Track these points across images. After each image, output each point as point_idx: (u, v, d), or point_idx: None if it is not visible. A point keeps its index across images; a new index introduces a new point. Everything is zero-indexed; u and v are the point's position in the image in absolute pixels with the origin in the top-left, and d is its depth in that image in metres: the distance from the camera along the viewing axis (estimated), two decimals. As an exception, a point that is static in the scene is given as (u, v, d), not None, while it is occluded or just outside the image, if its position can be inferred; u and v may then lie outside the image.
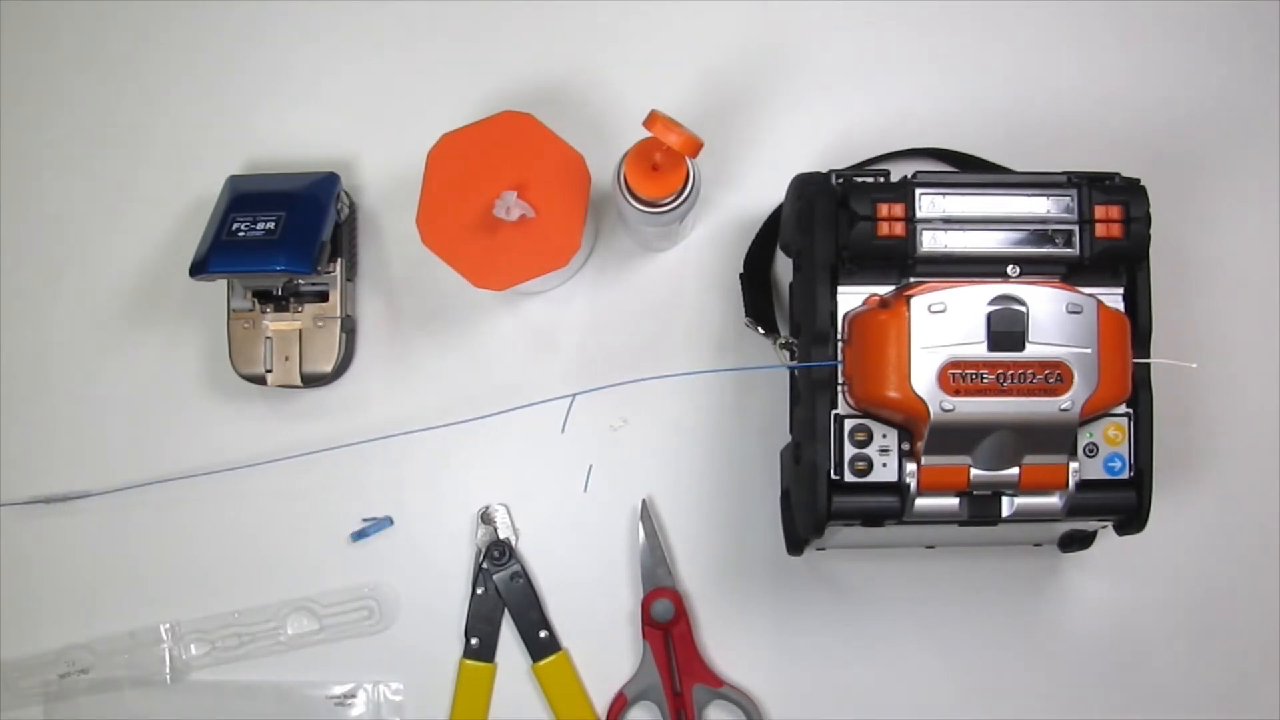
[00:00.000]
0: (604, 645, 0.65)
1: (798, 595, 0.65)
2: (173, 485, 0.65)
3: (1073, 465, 0.52)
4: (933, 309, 0.51)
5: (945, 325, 0.51)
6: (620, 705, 0.64)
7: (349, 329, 0.66)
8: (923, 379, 0.50)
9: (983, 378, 0.50)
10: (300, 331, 0.64)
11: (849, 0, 0.68)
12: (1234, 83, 0.68)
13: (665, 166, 0.56)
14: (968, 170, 0.65)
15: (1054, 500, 0.53)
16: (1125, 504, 0.54)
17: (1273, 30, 0.68)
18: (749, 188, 0.67)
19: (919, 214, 0.53)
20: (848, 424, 0.53)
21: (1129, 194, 0.53)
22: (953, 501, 0.53)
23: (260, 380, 0.64)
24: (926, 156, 0.66)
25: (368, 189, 0.68)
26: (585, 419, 0.65)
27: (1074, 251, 0.53)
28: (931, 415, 0.50)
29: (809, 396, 0.55)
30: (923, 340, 0.51)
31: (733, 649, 0.65)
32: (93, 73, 0.69)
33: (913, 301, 0.51)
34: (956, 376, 0.50)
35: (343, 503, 0.65)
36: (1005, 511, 0.53)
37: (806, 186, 0.56)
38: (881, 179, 0.55)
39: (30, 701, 0.65)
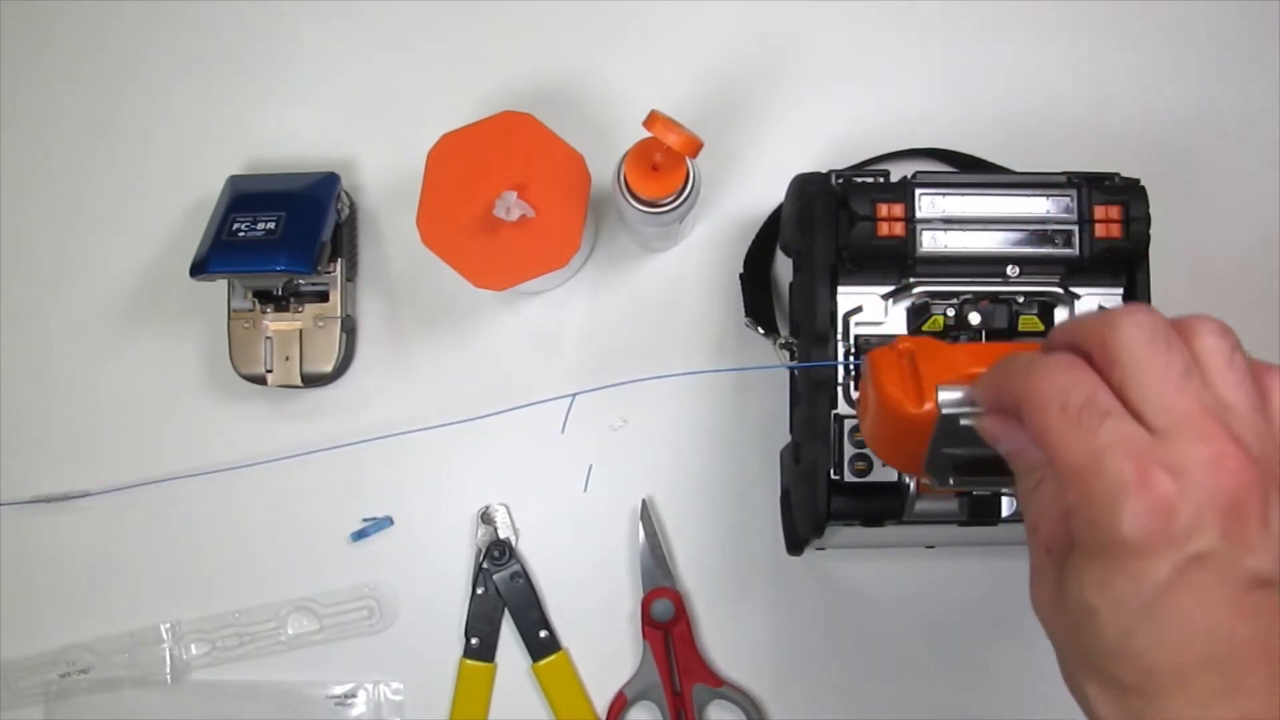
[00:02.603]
0: (604, 645, 0.65)
1: (798, 595, 0.65)
2: (173, 485, 0.65)
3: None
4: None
5: None
6: (620, 705, 0.64)
7: (349, 329, 0.66)
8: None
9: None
10: (300, 331, 0.64)
11: (849, 0, 0.68)
12: (1234, 83, 0.68)
13: (665, 166, 0.56)
14: (967, 170, 0.65)
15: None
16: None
17: (1273, 30, 0.68)
18: (749, 188, 0.67)
19: (919, 214, 0.53)
20: (848, 424, 0.53)
21: (1129, 194, 0.53)
22: (952, 502, 0.53)
23: (260, 380, 0.64)
24: (926, 156, 0.66)
25: (368, 189, 0.68)
26: (585, 419, 0.65)
27: (1073, 252, 0.53)
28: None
29: (809, 396, 0.55)
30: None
31: (733, 649, 0.65)
32: (93, 73, 0.69)
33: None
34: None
35: (343, 503, 0.65)
36: (1005, 511, 0.53)
37: (806, 186, 0.56)
38: (881, 179, 0.54)
39: (30, 701, 0.65)
